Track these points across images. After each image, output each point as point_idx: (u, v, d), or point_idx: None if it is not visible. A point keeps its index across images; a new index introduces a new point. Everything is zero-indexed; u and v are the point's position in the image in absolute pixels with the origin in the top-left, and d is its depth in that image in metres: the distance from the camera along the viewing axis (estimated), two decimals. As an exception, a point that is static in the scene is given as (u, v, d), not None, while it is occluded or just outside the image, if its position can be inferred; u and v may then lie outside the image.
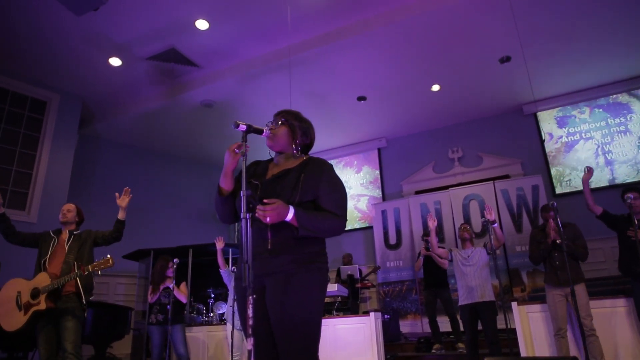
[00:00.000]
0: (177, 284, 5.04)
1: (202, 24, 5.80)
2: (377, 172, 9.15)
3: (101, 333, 4.98)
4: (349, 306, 6.08)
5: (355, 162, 9.43)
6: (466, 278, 4.54)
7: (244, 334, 1.69)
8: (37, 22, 5.68)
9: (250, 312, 1.64)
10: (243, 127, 1.83)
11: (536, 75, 6.97)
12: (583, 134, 7.65)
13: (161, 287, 5.06)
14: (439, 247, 4.82)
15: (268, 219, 1.71)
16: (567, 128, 7.78)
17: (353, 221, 9.09)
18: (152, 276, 5.12)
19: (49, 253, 3.52)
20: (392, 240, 8.11)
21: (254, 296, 1.69)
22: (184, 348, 5.02)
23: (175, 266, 5.06)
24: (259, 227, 1.82)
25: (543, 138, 7.86)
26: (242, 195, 1.73)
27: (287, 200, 1.83)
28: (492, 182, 7.51)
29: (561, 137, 7.78)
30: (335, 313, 5.66)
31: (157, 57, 6.36)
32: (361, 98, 7.46)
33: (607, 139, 7.43)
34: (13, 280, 3.47)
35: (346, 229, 8.81)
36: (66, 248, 3.53)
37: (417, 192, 8.47)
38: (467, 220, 7.29)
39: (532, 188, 7.15)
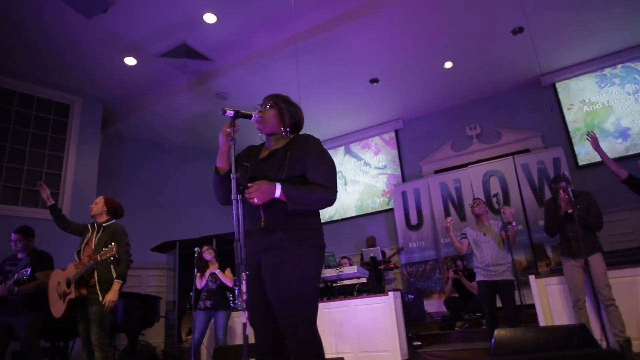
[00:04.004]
0: (223, 270, 5.26)
1: (210, 18, 5.90)
2: (395, 151, 9.13)
3: (132, 321, 5.22)
4: (370, 288, 6.15)
5: (373, 144, 9.44)
6: (483, 254, 4.51)
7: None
8: (53, 28, 5.90)
9: (244, 287, 1.75)
10: (230, 112, 1.92)
11: (551, 44, 6.81)
12: (614, 98, 7.38)
13: (207, 273, 5.27)
14: (460, 240, 4.73)
15: (256, 200, 1.80)
16: (599, 91, 7.51)
17: (374, 197, 9.15)
18: (196, 264, 5.36)
19: (83, 244, 3.70)
20: (414, 221, 8.12)
21: (247, 272, 1.79)
22: (224, 335, 5.19)
23: (210, 250, 5.35)
24: (252, 206, 1.90)
25: (556, 109, 7.65)
26: (232, 177, 1.83)
27: (275, 178, 1.90)
28: (511, 157, 7.39)
29: (594, 100, 7.53)
30: (355, 294, 5.75)
31: (170, 54, 6.50)
32: (374, 80, 7.43)
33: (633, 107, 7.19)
34: (55, 270, 3.72)
35: (367, 211, 8.99)
36: (94, 240, 3.66)
37: (437, 172, 8.42)
38: (487, 197, 7.21)
39: (554, 160, 7.00)
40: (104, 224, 3.79)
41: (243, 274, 1.74)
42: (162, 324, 7.55)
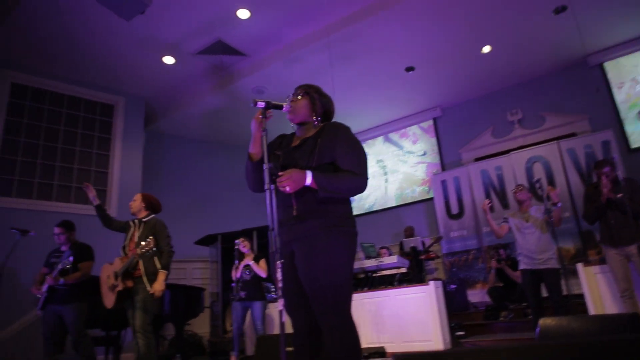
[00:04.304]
0: (257, 261, 5.39)
1: (243, 13, 5.97)
2: (434, 140, 8.97)
3: (178, 312, 5.42)
4: (410, 278, 6.10)
5: (411, 133, 9.30)
6: (527, 242, 4.36)
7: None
8: (96, 33, 6.17)
9: (279, 275, 1.78)
10: (261, 104, 1.94)
11: (597, 22, 6.45)
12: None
13: (241, 265, 5.42)
14: (499, 223, 4.61)
15: (287, 189, 1.82)
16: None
17: (414, 186, 9.04)
18: (236, 255, 5.53)
19: (127, 239, 3.92)
20: (454, 210, 7.97)
21: (282, 261, 1.82)
22: (262, 324, 5.34)
23: (245, 242, 5.48)
24: (284, 196, 1.93)
25: (603, 89, 7.25)
26: (264, 168, 1.86)
27: (305, 166, 1.90)
28: (556, 142, 7.10)
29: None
30: (396, 284, 5.71)
31: (206, 51, 6.65)
32: (409, 69, 7.30)
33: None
34: (104, 265, 3.96)
35: (407, 201, 8.89)
36: (137, 235, 3.87)
37: (477, 159, 8.21)
38: (531, 184, 6.97)
39: (602, 144, 6.67)
40: (143, 219, 3.98)
41: (278, 262, 1.77)
42: (207, 315, 7.78)
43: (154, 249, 3.58)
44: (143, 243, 3.57)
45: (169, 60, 6.88)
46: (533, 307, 4.35)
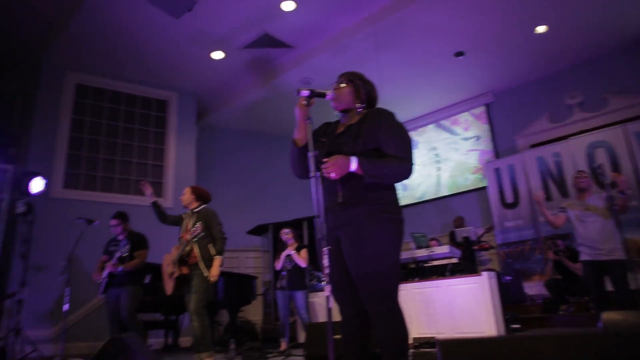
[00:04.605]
0: (299, 251, 5.48)
1: (288, 5, 5.99)
2: (487, 126, 8.65)
3: (232, 299, 5.60)
4: (463, 268, 5.95)
5: (463, 120, 9.02)
6: (589, 231, 4.10)
7: None
8: (148, 32, 6.43)
9: (325, 262, 1.79)
10: (305, 92, 1.96)
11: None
12: None
13: (283, 255, 5.53)
14: (555, 213, 4.38)
15: (333, 175, 1.82)
16: None
17: (466, 173, 8.79)
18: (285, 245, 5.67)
19: (182, 230, 4.16)
20: (509, 199, 7.68)
21: (329, 247, 1.83)
22: (306, 313, 5.46)
23: (289, 233, 5.55)
24: (330, 182, 1.93)
25: None
26: (309, 156, 1.88)
27: (350, 152, 1.89)
28: (621, 125, 6.64)
29: None
30: (448, 274, 5.60)
31: (253, 45, 6.75)
32: (459, 54, 7.07)
33: None
34: (165, 255, 4.24)
35: (460, 189, 8.65)
36: (190, 225, 4.06)
37: (532, 146, 7.85)
38: (592, 169, 6.57)
39: (677, 126, 6.18)
40: (195, 210, 4.19)
41: (324, 249, 1.78)
42: (260, 303, 7.98)
43: (202, 233, 3.79)
44: (192, 229, 3.76)
45: (218, 55, 7.05)
46: (595, 301, 4.11)
